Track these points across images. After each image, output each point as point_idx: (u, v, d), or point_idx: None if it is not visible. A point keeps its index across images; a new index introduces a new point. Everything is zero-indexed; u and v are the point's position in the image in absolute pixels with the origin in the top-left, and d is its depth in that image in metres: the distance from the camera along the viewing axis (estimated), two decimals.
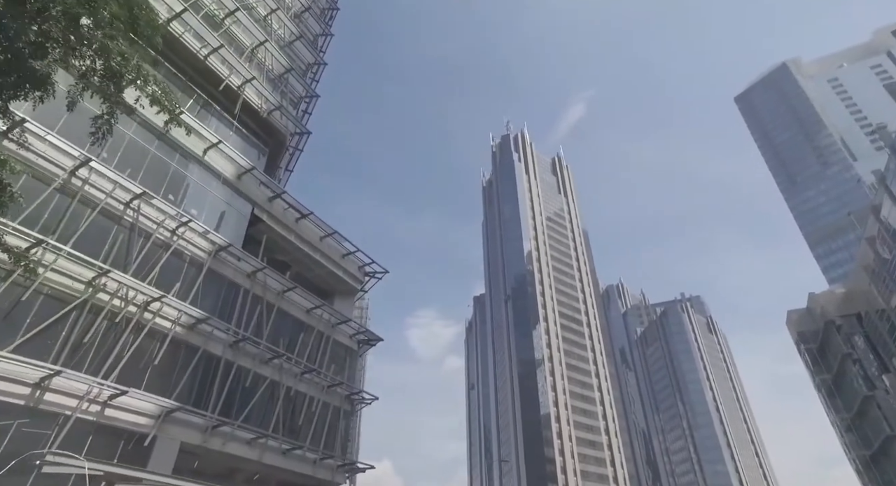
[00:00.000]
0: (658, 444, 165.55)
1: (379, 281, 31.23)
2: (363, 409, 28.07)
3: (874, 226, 71.09)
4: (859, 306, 78.78)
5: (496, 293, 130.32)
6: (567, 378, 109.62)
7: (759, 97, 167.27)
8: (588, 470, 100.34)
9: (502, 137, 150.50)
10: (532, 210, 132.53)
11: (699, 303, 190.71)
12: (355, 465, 25.32)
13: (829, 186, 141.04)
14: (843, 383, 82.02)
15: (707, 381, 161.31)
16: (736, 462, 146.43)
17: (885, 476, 75.19)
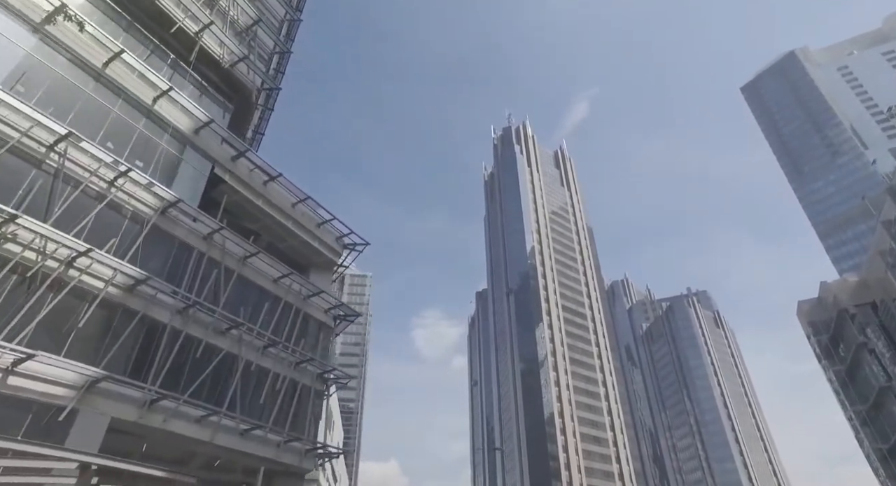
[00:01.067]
0: (665, 441, 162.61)
1: (359, 255, 28.79)
2: (366, 406, 25.56)
3: (892, 209, 68.46)
4: (875, 295, 75.83)
5: (498, 288, 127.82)
6: (571, 373, 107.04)
7: (766, 87, 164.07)
8: (593, 467, 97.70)
9: (503, 129, 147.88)
10: (534, 203, 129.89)
11: (706, 298, 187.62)
12: (327, 449, 22.91)
13: (840, 176, 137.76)
14: (857, 375, 79.19)
15: (714, 377, 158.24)
16: (745, 458, 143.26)
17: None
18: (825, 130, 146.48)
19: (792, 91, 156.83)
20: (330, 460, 29.71)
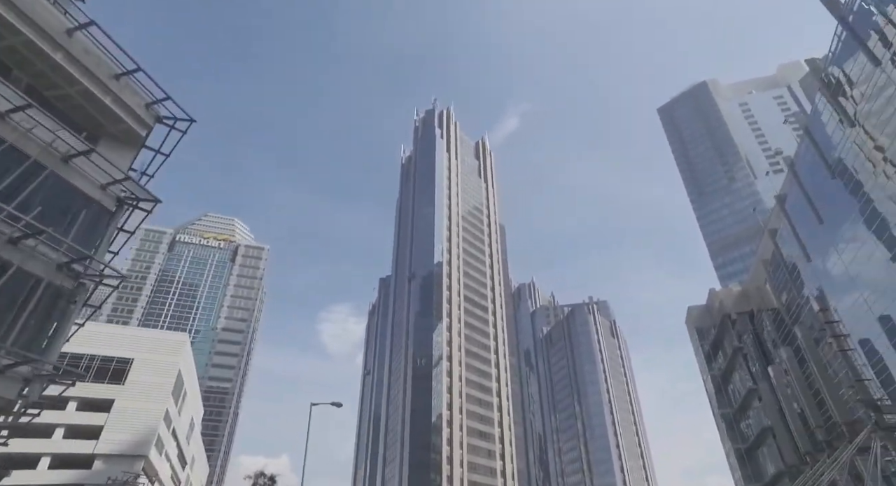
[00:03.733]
0: (552, 444, 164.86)
1: (182, 136, 21.53)
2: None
3: (777, 220, 71.64)
4: (753, 304, 79.26)
5: (401, 275, 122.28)
6: (465, 365, 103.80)
7: (679, 111, 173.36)
8: (477, 462, 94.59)
9: (426, 111, 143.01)
10: (449, 189, 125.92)
11: (605, 307, 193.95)
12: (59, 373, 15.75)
13: (733, 200, 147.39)
14: (730, 379, 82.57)
15: (605, 383, 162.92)
16: (623, 466, 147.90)
17: (755, 468, 75.68)
18: (726, 157, 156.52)
19: (701, 118, 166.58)
20: None
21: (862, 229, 49.15)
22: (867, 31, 44.87)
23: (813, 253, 57.73)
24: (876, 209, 46.78)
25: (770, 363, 68.34)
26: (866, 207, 48.27)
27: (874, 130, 45.08)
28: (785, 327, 65.99)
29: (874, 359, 48.00)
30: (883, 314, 47.28)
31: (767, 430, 67.49)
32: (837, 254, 53.04)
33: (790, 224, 62.47)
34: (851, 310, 50.46)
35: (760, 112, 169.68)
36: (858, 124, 47.15)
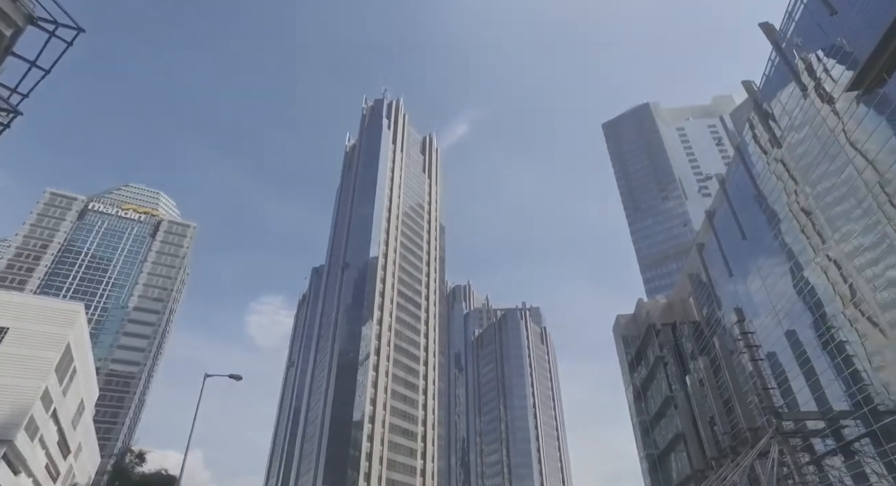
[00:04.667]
0: (475, 446, 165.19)
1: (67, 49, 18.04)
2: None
3: (705, 234, 74.67)
4: (677, 316, 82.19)
5: (335, 265, 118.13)
6: (393, 361, 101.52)
7: (623, 128, 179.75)
8: (397, 460, 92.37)
9: (375, 100, 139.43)
10: (391, 181, 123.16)
11: (537, 314, 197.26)
12: None
13: (665, 218, 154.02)
14: (650, 387, 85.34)
15: (531, 388, 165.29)
16: (542, 471, 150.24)
17: (665, 474, 78.50)
18: (661, 177, 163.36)
19: (642, 137, 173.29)
20: None
21: (776, 250, 51.70)
22: (794, 62, 47.57)
23: (734, 268, 60.18)
24: (785, 239, 49.69)
25: (687, 373, 70.87)
26: (778, 233, 51.16)
27: (791, 161, 48.01)
28: (704, 339, 68.60)
29: (778, 370, 50.41)
30: (789, 329, 49.65)
31: (679, 436, 69.82)
32: (756, 270, 55.49)
33: (716, 239, 65.00)
34: (763, 323, 52.81)
35: (695, 138, 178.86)
36: (778, 158, 50.21)
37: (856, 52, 38.35)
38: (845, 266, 40.21)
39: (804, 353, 46.80)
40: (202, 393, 25.27)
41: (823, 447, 44.89)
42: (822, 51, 42.91)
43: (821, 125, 43.19)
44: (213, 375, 25.83)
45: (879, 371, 36.47)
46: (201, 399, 25.37)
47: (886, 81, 35.58)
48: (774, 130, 50.47)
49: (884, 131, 35.74)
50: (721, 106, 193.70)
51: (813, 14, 43.56)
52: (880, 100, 37.02)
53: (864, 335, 38.42)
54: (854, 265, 38.98)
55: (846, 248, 39.86)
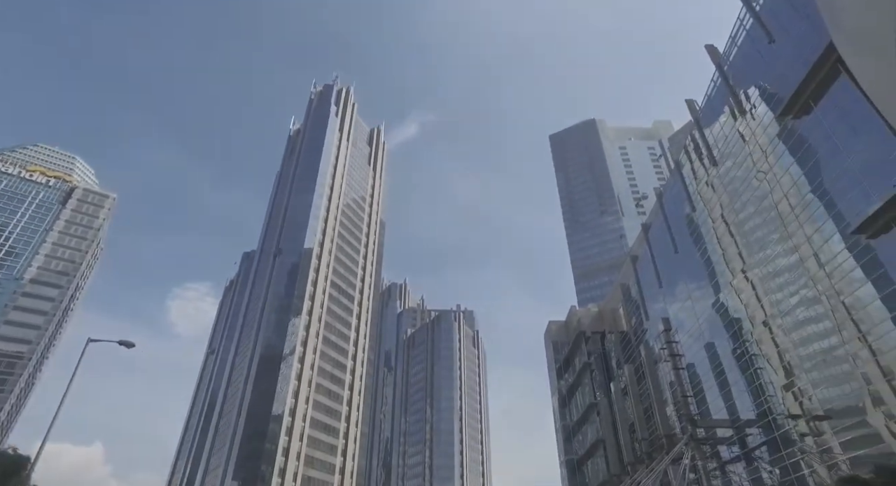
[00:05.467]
0: (398, 446, 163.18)
1: None
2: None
3: (639, 246, 77.19)
4: (606, 325, 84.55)
5: (268, 252, 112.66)
6: (321, 354, 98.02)
7: (569, 141, 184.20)
8: (315, 456, 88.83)
9: (325, 86, 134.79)
10: (334, 169, 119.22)
11: (471, 317, 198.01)
12: None
13: (602, 232, 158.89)
14: (576, 393, 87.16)
15: (459, 391, 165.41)
16: (464, 476, 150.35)
17: (583, 479, 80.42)
18: (601, 192, 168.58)
19: (586, 152, 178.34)
20: None
21: (702, 267, 54.14)
22: (729, 89, 50.17)
23: (665, 280, 62.31)
24: (710, 257, 52.37)
25: (612, 380, 72.79)
26: (704, 252, 53.86)
27: (720, 186, 50.82)
28: (630, 348, 70.68)
29: (697, 380, 52.60)
30: (709, 342, 51.95)
31: (600, 442, 71.51)
32: (684, 284, 57.72)
33: (650, 251, 67.15)
34: (687, 334, 54.99)
35: (635, 158, 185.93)
36: (708, 182, 52.94)
37: (779, 92, 40.80)
38: (759, 289, 42.67)
39: (720, 364, 49.03)
40: (80, 361, 22.11)
41: (729, 454, 47.32)
42: (757, 80, 45.13)
43: (746, 157, 45.87)
44: (98, 340, 22.65)
45: (782, 385, 38.84)
46: (78, 369, 22.18)
47: (813, 108, 37.63)
48: (708, 153, 52.99)
49: (796, 169, 38.39)
50: (661, 130, 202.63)
51: (754, 41, 45.50)
52: (796, 140, 39.63)
53: (768, 354, 41.11)
54: (766, 289, 41.59)
55: (761, 272, 42.45)
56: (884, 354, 29.89)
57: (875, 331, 30.59)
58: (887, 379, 29.43)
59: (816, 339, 36.14)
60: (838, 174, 35.24)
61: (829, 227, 34.89)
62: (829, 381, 34.55)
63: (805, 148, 38.78)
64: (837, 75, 34.93)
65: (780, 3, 42.49)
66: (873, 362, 30.36)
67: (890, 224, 30.97)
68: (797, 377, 37.57)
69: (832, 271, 34.20)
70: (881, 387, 29.71)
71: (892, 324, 29.17)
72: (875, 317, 30.73)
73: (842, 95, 34.98)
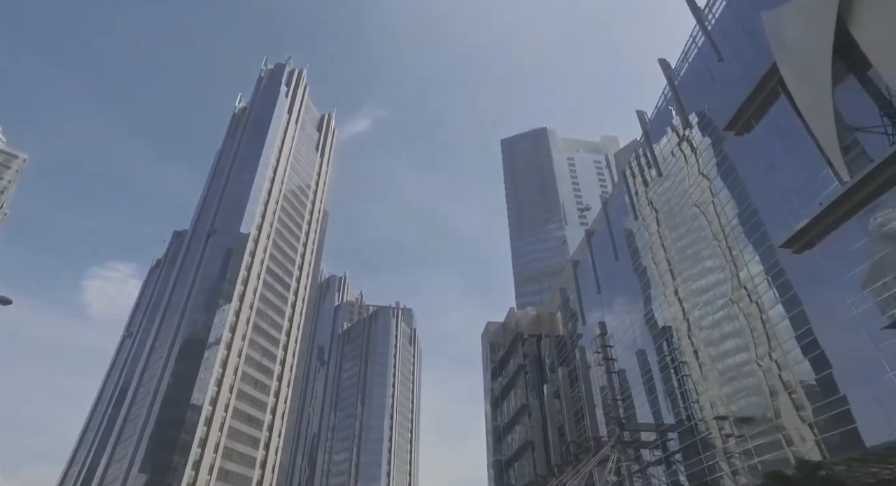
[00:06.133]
0: (325, 442, 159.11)
1: None
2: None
3: (581, 251, 78.72)
4: (544, 328, 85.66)
5: (201, 232, 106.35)
6: (249, 341, 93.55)
7: (520, 146, 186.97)
8: (235, 449, 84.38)
9: (277, 64, 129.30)
10: (279, 151, 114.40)
11: (409, 315, 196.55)
12: None
13: (545, 239, 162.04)
14: (509, 394, 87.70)
15: (392, 388, 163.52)
16: (391, 476, 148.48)
17: (509, 480, 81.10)
18: (547, 200, 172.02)
19: (536, 158, 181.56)
20: None
21: (638, 277, 55.68)
22: (675, 107, 52.13)
23: (604, 286, 63.62)
24: (645, 269, 54.26)
25: (546, 383, 73.58)
26: (640, 264, 55.67)
27: (658, 201, 52.90)
28: (565, 352, 71.72)
29: (626, 385, 53.95)
30: (640, 349, 53.42)
31: (529, 444, 72.03)
32: (621, 291, 59.16)
33: (591, 257, 68.45)
34: (621, 340, 56.31)
35: (582, 169, 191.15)
36: (649, 197, 54.88)
37: (724, 109, 42.73)
38: (686, 303, 44.73)
39: (650, 371, 50.46)
40: None
41: (651, 457, 48.77)
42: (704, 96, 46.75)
43: (684, 176, 47.70)
44: None
45: (702, 394, 41.04)
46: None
47: (754, 126, 39.19)
48: (655, 165, 54.67)
49: (726, 193, 40.53)
50: (608, 145, 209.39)
51: (704, 57, 47.04)
52: (733, 158, 41.69)
53: (691, 366, 43.23)
54: (692, 304, 43.78)
55: (688, 288, 44.62)
56: (788, 369, 32.46)
57: (781, 348, 33.21)
58: (789, 392, 32.17)
59: (733, 354, 38.55)
60: (772, 191, 36.85)
61: (750, 251, 37.22)
62: (741, 393, 36.72)
63: (742, 165, 40.52)
64: (778, 96, 36.35)
65: (731, 23, 44.06)
66: (778, 377, 33.07)
67: (814, 241, 32.65)
68: (715, 389, 39.77)
69: (752, 290, 36.59)
70: (783, 400, 32.42)
71: (796, 342, 31.82)
72: (782, 335, 33.37)
73: (780, 114, 36.51)
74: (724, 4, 45.30)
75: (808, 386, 31.22)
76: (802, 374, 31.66)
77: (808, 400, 30.93)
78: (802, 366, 31.60)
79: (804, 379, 31.56)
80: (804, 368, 31.51)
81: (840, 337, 29.71)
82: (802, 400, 31.45)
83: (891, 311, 27.12)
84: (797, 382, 31.91)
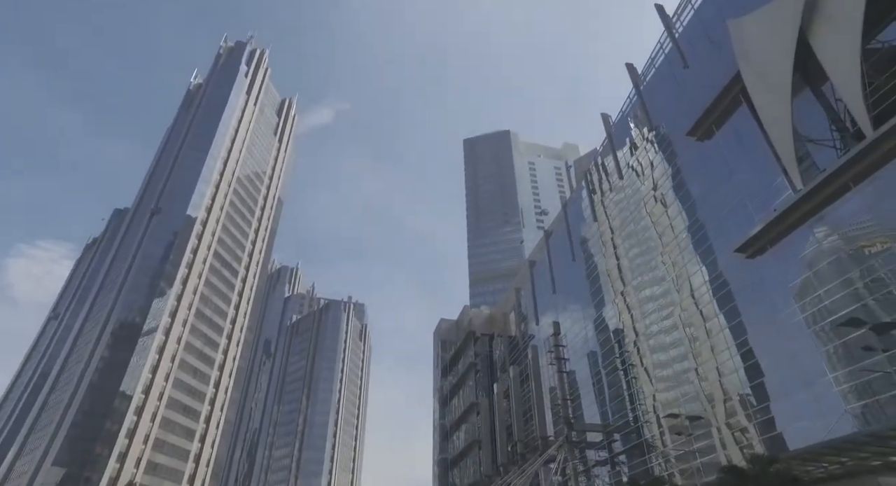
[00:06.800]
0: (267, 436, 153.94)
1: None
2: None
3: (538, 252, 79.01)
4: (497, 328, 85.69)
5: (144, 211, 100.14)
6: (191, 328, 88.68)
7: (482, 147, 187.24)
8: (168, 440, 79.67)
9: (237, 42, 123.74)
10: (235, 132, 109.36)
11: (361, 310, 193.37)
12: None
13: (502, 240, 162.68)
14: (458, 393, 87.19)
15: (340, 383, 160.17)
16: (332, 473, 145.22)
17: (454, 479, 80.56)
18: (506, 201, 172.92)
19: (497, 160, 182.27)
20: None
21: (593, 281, 56.20)
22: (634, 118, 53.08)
23: (559, 286, 63.87)
24: (598, 274, 54.98)
25: (496, 382, 73.32)
26: (594, 268, 56.33)
27: (613, 209, 53.86)
28: (517, 352, 71.66)
29: (576, 386, 54.20)
30: (591, 351, 53.81)
31: (476, 442, 71.56)
32: (575, 293, 59.39)
33: (549, 258, 68.67)
34: (573, 341, 56.60)
35: (542, 175, 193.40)
36: (605, 204, 55.79)
37: (687, 115, 43.60)
38: (635, 310, 46.00)
39: (599, 373, 50.90)
40: None
41: (597, 458, 49.14)
42: (668, 101, 47.46)
43: (638, 188, 48.58)
44: None
45: (648, 398, 42.18)
46: None
47: (715, 132, 39.86)
48: (612, 175, 55.66)
49: (677, 206, 41.83)
50: (569, 152, 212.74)
51: (671, 63, 47.73)
52: (679, 181, 42.72)
53: (637, 370, 44.36)
54: (641, 312, 45.09)
55: (637, 296, 45.96)
56: (726, 376, 34.05)
57: (719, 357, 34.85)
58: (725, 399, 33.69)
59: (678, 361, 39.72)
60: (729, 196, 37.57)
61: (697, 262, 38.62)
62: (684, 398, 37.81)
63: (700, 172, 41.31)
64: (740, 104, 37.05)
65: (697, 32, 44.78)
66: (718, 383, 34.56)
67: (766, 246, 33.46)
68: (660, 393, 40.94)
69: (697, 299, 38.02)
70: (719, 407, 34.01)
71: (735, 350, 33.35)
72: (720, 345, 34.98)
73: (741, 122, 37.27)
74: (691, 13, 46.07)
75: (744, 394, 32.55)
76: (739, 381, 33.04)
77: (742, 407, 32.47)
78: (739, 374, 33.01)
79: (740, 386, 32.94)
80: (740, 376, 32.89)
81: (776, 345, 31.00)
82: (736, 407, 33.01)
83: (818, 324, 28.51)
84: (734, 389, 33.34)
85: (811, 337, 28.42)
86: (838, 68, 28.58)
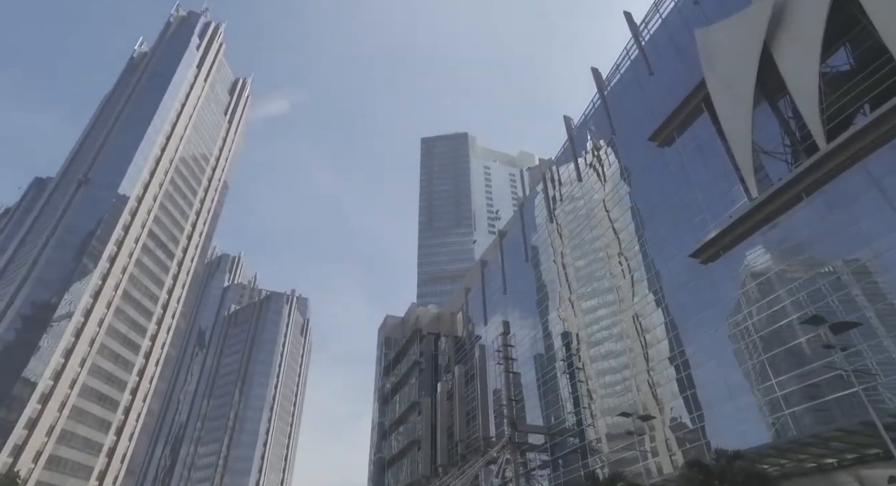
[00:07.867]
0: (193, 431, 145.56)
1: None
2: None
3: (491, 252, 78.38)
4: (444, 328, 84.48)
5: (69, 180, 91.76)
6: (116, 311, 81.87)
7: (438, 148, 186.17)
8: (77, 432, 72.76)
9: (190, 12, 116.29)
10: (181, 107, 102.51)
11: (304, 305, 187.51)
12: None
13: (453, 242, 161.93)
14: (400, 391, 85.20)
15: (276, 379, 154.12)
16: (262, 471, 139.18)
17: (390, 479, 78.63)
18: (460, 204, 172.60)
19: (453, 162, 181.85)
20: None
21: (542, 285, 56.10)
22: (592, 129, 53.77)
23: (510, 287, 63.27)
24: (546, 280, 55.16)
25: (440, 382, 71.94)
26: (541, 274, 56.48)
27: (564, 217, 54.25)
28: (463, 352, 70.55)
29: (521, 388, 53.67)
30: (538, 353, 53.46)
31: (415, 442, 69.82)
32: (525, 296, 58.92)
33: (501, 258, 68.07)
34: (522, 342, 56.08)
35: (497, 180, 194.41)
36: (557, 212, 56.13)
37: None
38: (579, 318, 46.74)
39: (545, 376, 50.52)
40: None
41: (538, 461, 48.66)
42: (631, 107, 47.79)
43: (592, 196, 49.01)
44: None
45: (589, 404, 42.73)
46: None
47: (676, 139, 40.17)
48: (564, 185, 56.14)
49: (632, 213, 42.45)
50: (524, 160, 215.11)
51: (636, 70, 48.07)
52: (635, 189, 43.12)
53: (580, 375, 44.94)
54: (583, 320, 45.95)
55: (582, 305, 46.70)
56: (661, 387, 35.07)
57: (656, 368, 35.86)
58: (660, 408, 34.65)
59: (618, 370, 40.56)
60: (685, 202, 37.86)
61: (640, 275, 39.51)
62: (622, 406, 38.17)
63: (657, 178, 41.63)
64: (701, 112, 37.41)
65: (664, 40, 45.23)
66: (652, 394, 35.66)
67: (719, 252, 33.81)
68: (599, 400, 41.68)
69: (639, 312, 38.89)
70: (655, 416, 34.67)
71: (668, 363, 34.63)
72: (657, 357, 35.95)
73: (701, 130, 37.66)
74: (659, 22, 46.54)
75: (677, 404, 33.30)
76: (672, 392, 33.84)
77: (674, 415, 33.52)
78: (672, 385, 33.86)
79: (673, 397, 33.75)
80: (673, 387, 33.71)
81: (708, 357, 31.89)
82: (668, 416, 34.01)
83: (739, 344, 29.68)
84: (667, 399, 34.20)
85: (733, 356, 29.92)
86: (799, 81, 29.21)
